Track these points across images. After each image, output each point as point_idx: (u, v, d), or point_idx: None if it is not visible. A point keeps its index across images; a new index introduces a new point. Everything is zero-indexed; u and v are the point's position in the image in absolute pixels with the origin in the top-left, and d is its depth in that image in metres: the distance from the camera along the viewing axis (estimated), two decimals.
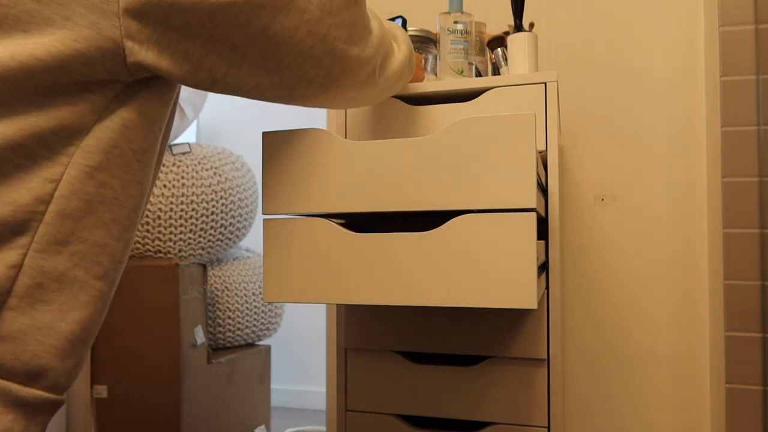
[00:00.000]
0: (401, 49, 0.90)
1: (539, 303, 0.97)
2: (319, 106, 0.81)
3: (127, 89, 0.62)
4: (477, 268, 0.72)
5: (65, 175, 0.58)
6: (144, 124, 0.64)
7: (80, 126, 0.59)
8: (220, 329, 1.85)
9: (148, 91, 0.64)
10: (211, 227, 1.75)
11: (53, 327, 0.58)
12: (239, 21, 0.62)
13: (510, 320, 1.00)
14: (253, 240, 2.47)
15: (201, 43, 0.62)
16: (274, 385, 2.70)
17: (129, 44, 0.59)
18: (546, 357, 0.99)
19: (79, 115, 0.59)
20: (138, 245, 1.70)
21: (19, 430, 0.57)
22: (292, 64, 0.69)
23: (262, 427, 1.97)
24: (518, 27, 1.13)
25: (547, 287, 1.00)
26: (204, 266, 1.73)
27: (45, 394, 0.59)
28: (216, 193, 1.76)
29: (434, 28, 1.18)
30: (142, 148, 0.64)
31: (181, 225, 1.70)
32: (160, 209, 1.69)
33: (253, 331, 1.93)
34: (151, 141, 0.66)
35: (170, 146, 1.80)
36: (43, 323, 0.58)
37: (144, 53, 0.60)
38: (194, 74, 0.64)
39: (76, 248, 0.60)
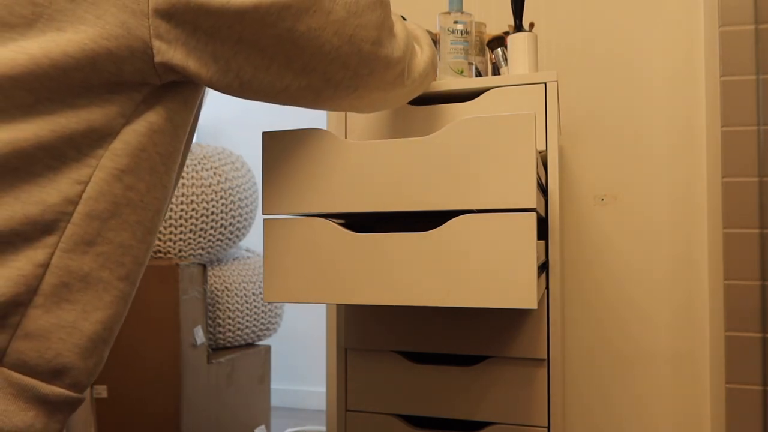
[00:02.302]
0: (424, 50, 0.89)
1: (539, 303, 0.97)
2: (347, 110, 0.81)
3: (154, 93, 0.62)
4: (477, 268, 0.72)
5: (93, 177, 0.59)
6: (170, 128, 0.65)
7: (109, 129, 0.60)
8: (220, 329, 1.85)
9: (175, 96, 0.65)
10: (211, 227, 1.75)
11: (77, 326, 0.59)
12: (266, 22, 0.63)
13: (510, 320, 1.00)
14: (253, 240, 2.47)
15: (229, 45, 0.63)
16: (274, 385, 2.70)
17: (157, 44, 0.60)
18: (546, 357, 0.99)
19: (108, 119, 0.60)
20: None
21: (40, 427, 0.58)
22: (319, 66, 0.69)
23: (262, 427, 1.97)
24: (518, 27, 1.13)
25: (547, 287, 1.00)
26: (204, 266, 1.73)
27: (66, 392, 0.60)
28: (216, 193, 1.76)
29: (434, 28, 1.18)
30: (167, 152, 0.65)
31: (181, 225, 1.70)
32: None
33: (253, 331, 1.93)
34: (176, 145, 0.67)
35: None
36: (67, 322, 0.59)
37: (172, 53, 0.61)
38: (222, 76, 0.65)
39: (102, 249, 0.61)
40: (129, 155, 0.61)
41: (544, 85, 1.02)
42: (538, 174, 0.80)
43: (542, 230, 1.01)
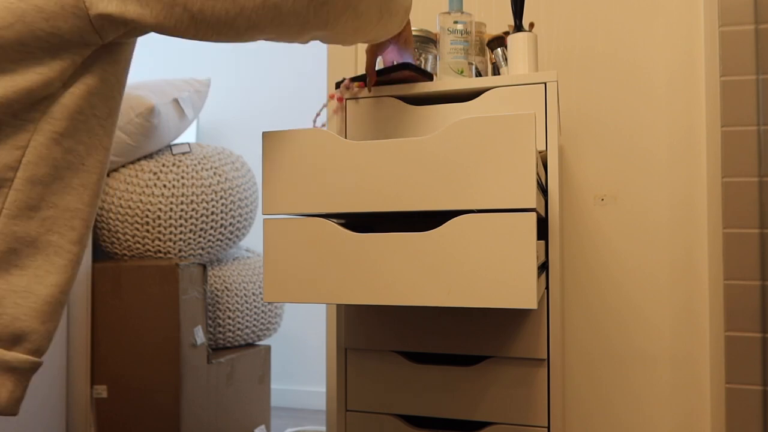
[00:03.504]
0: None
1: (539, 303, 0.97)
2: (314, 35, 0.73)
3: (93, 55, 0.62)
4: (477, 268, 0.72)
5: (32, 141, 0.59)
6: (105, 89, 0.64)
7: (45, 92, 0.59)
8: (220, 329, 1.85)
9: (108, 56, 0.64)
10: (211, 227, 1.75)
11: (30, 290, 0.60)
12: None
13: (510, 320, 1.00)
14: (253, 240, 2.47)
15: None
16: (274, 385, 2.70)
17: None
18: (546, 357, 0.99)
19: (45, 82, 0.59)
20: (138, 245, 1.70)
21: (5, 395, 0.59)
22: None
23: (262, 427, 1.97)
24: (518, 27, 1.13)
25: (547, 287, 1.00)
26: (204, 266, 1.73)
27: (30, 358, 0.61)
28: (216, 193, 1.76)
29: (434, 28, 1.18)
30: (104, 114, 0.65)
31: (181, 225, 1.70)
32: (160, 209, 1.69)
33: (253, 331, 1.93)
34: (113, 106, 0.66)
35: (170, 146, 1.80)
36: (20, 287, 0.59)
37: (106, 2, 0.59)
38: (168, 13, 0.61)
39: (47, 213, 0.61)
40: (67, 118, 0.61)
41: (544, 85, 1.02)
42: (538, 174, 0.80)
43: (542, 230, 1.01)
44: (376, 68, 1.07)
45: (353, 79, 1.09)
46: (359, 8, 0.73)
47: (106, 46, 0.62)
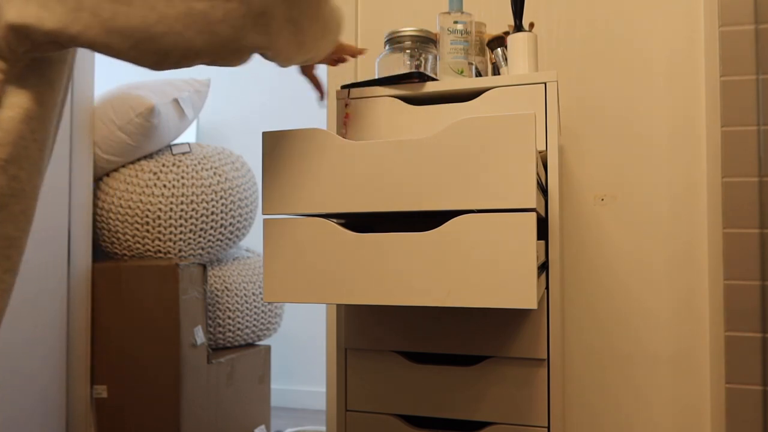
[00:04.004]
0: None
1: (539, 303, 0.97)
2: (256, 49, 0.64)
3: (20, 76, 0.59)
4: (477, 268, 0.72)
5: None
6: (43, 112, 0.62)
7: None
8: (220, 329, 1.85)
9: (41, 79, 0.61)
10: (211, 227, 1.75)
11: None
12: None
13: (510, 320, 1.00)
14: (253, 240, 2.47)
15: None
16: (274, 385, 2.69)
17: None
18: (546, 357, 0.99)
19: None
20: (138, 245, 1.70)
21: None
22: None
23: (262, 427, 1.97)
24: (518, 27, 1.13)
25: (547, 287, 1.00)
26: (204, 266, 1.73)
27: None
28: (216, 193, 1.76)
29: (434, 28, 1.18)
30: (42, 138, 0.63)
31: (181, 225, 1.70)
32: (160, 209, 1.69)
33: (253, 331, 1.93)
34: (49, 129, 0.64)
35: (170, 146, 1.80)
36: None
37: (5, 10, 0.54)
38: (73, 19, 0.54)
39: None
40: (11, 144, 0.58)
41: (544, 85, 1.02)
42: (538, 174, 0.81)
43: (542, 230, 1.01)
44: (384, 75, 1.09)
45: (352, 86, 1.11)
46: (300, 22, 0.67)
47: (33, 66, 0.59)
